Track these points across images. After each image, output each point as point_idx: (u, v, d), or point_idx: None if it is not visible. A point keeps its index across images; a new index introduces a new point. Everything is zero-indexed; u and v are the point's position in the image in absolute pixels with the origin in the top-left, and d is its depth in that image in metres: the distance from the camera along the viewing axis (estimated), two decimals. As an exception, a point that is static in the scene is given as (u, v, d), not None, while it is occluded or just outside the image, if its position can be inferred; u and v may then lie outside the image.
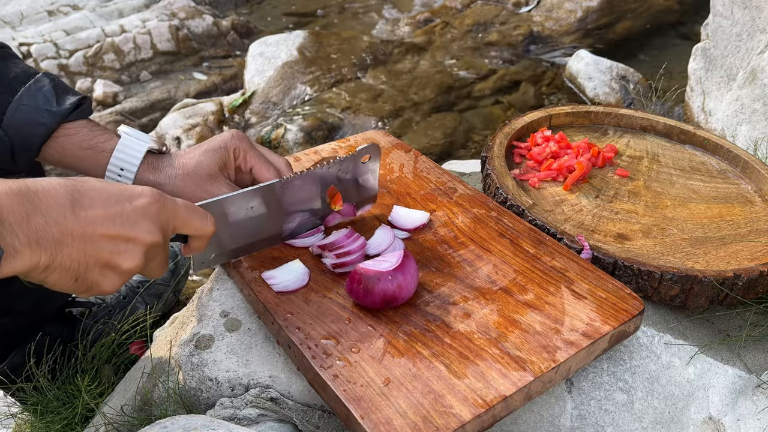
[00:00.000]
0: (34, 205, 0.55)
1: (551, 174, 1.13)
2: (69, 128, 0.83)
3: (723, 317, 0.94)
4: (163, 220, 0.64)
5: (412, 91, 2.61)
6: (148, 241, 0.62)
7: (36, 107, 0.81)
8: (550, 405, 0.81)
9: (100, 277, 0.61)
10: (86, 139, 0.83)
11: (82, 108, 0.84)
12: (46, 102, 0.82)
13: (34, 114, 0.81)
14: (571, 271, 0.86)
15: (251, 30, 3.53)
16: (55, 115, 0.81)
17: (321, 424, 0.80)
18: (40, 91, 0.82)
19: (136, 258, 0.62)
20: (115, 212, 0.60)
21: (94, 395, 1.02)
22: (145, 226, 0.62)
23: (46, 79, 0.84)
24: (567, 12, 3.07)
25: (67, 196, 0.57)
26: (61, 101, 0.83)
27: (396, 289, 0.77)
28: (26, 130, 0.81)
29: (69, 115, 0.82)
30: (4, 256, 0.53)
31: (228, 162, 0.86)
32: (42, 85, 0.83)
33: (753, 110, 1.63)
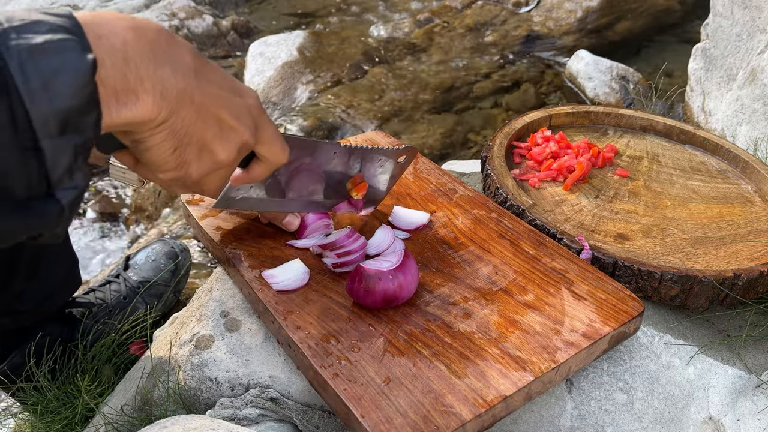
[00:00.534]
0: (162, 51, 0.52)
1: (551, 174, 1.14)
2: None
3: (723, 317, 0.94)
4: (259, 125, 0.64)
5: (412, 91, 2.61)
6: (246, 137, 0.62)
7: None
8: (550, 405, 0.81)
9: (196, 157, 0.59)
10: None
11: None
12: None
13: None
14: (571, 272, 0.86)
15: (251, 30, 3.53)
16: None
17: (321, 424, 0.80)
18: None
19: (232, 149, 0.61)
20: (230, 98, 0.60)
21: (94, 395, 1.02)
22: (248, 123, 0.62)
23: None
24: (567, 12, 3.07)
25: (193, 59, 0.55)
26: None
27: (396, 289, 0.77)
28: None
29: None
30: (125, 102, 0.49)
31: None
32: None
33: (753, 110, 1.63)
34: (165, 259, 1.26)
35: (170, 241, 1.30)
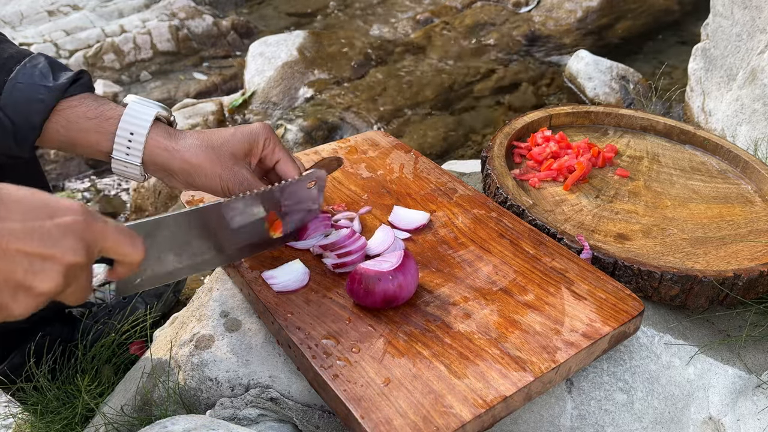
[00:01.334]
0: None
1: (551, 174, 1.13)
2: (72, 101, 0.79)
3: (723, 317, 0.94)
4: (89, 239, 0.57)
5: (412, 91, 2.61)
6: (69, 260, 0.55)
7: (32, 84, 0.78)
8: (550, 405, 0.81)
9: (11, 299, 0.54)
10: (91, 109, 0.79)
11: (81, 81, 0.81)
12: (42, 78, 0.78)
13: (30, 91, 0.77)
14: (571, 271, 0.86)
15: (251, 30, 3.53)
16: (52, 90, 0.78)
17: (321, 424, 0.80)
18: (36, 68, 0.79)
19: (54, 279, 0.55)
20: (35, 227, 0.53)
21: (94, 395, 1.02)
22: (68, 244, 0.55)
23: (42, 57, 0.82)
24: (567, 12, 3.07)
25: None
26: (57, 76, 0.79)
27: (396, 289, 0.77)
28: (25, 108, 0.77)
29: (67, 90, 0.79)
30: None
31: (255, 150, 0.83)
32: (37, 62, 0.80)
33: (753, 110, 1.63)
34: (165, 259, 1.26)
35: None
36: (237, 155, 0.81)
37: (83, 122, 0.79)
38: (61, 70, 0.81)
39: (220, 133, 0.82)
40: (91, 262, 0.59)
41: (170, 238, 0.73)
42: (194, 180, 0.81)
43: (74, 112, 0.79)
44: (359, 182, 1.07)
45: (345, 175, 1.09)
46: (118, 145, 0.79)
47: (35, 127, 0.78)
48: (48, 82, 0.78)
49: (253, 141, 0.82)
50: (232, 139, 0.81)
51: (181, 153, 0.79)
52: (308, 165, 1.11)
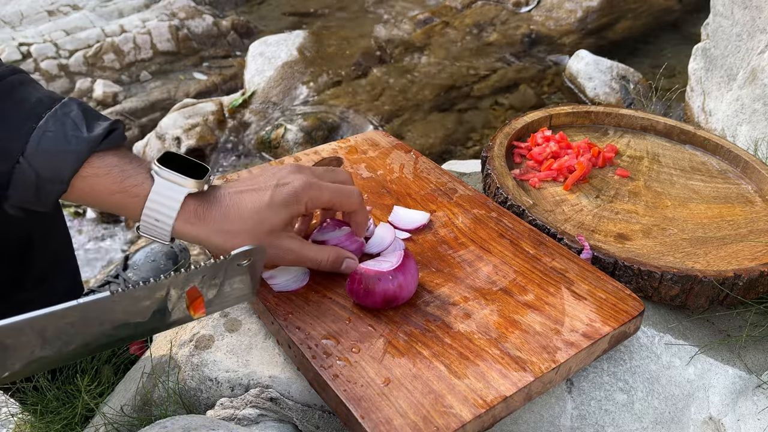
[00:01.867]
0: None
1: (551, 174, 1.13)
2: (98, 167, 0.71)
3: (723, 317, 0.94)
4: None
5: (412, 91, 2.61)
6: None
7: (64, 134, 0.69)
8: (550, 405, 0.81)
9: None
10: (116, 182, 0.71)
11: (115, 134, 0.73)
12: (74, 128, 0.70)
13: (62, 141, 0.69)
14: (571, 272, 0.86)
15: (251, 30, 3.53)
16: (86, 142, 0.69)
17: (321, 424, 0.80)
18: (68, 117, 0.71)
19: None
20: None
21: (94, 395, 1.02)
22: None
23: (74, 104, 0.73)
24: (567, 12, 3.07)
25: None
26: (91, 127, 0.71)
27: (397, 289, 0.77)
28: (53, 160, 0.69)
29: (102, 143, 0.71)
30: None
31: (297, 215, 0.76)
32: (70, 109, 0.72)
33: (753, 110, 1.63)
34: (164, 259, 1.26)
35: (170, 241, 1.30)
36: (276, 230, 0.74)
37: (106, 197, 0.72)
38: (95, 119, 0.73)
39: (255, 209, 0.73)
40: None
41: (44, 332, 0.59)
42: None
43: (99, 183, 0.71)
44: (359, 182, 1.07)
45: (345, 175, 1.09)
46: (144, 227, 0.73)
47: (63, 181, 0.70)
48: (81, 133, 0.70)
49: (295, 210, 0.75)
50: (269, 216, 0.73)
51: (212, 241, 0.73)
52: (309, 164, 1.11)
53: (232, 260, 0.68)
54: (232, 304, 0.75)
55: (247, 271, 0.71)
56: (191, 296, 0.69)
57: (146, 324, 0.67)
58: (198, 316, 0.71)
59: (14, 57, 3.07)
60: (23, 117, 0.69)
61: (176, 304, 0.67)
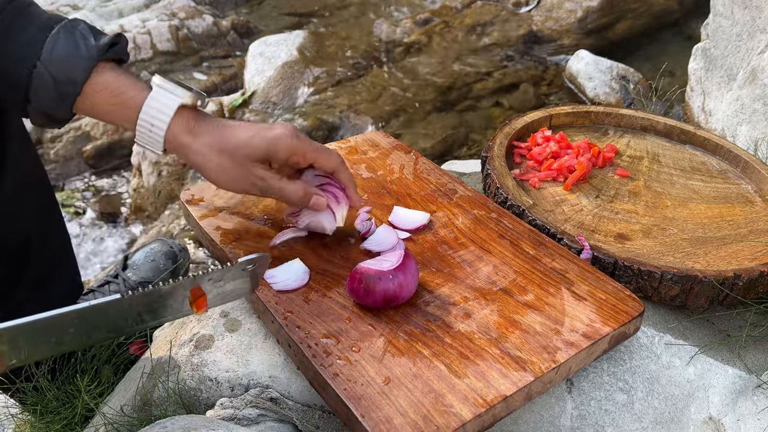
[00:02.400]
0: None
1: (551, 174, 1.13)
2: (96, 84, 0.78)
3: (723, 317, 0.94)
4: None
5: (412, 91, 2.61)
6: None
7: (75, 42, 0.77)
8: (551, 405, 0.81)
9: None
10: (115, 95, 0.79)
11: (120, 45, 0.81)
12: (83, 38, 0.78)
13: (73, 48, 0.77)
14: (571, 272, 0.86)
15: (251, 30, 3.53)
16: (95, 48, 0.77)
17: (321, 424, 0.80)
18: (76, 29, 0.78)
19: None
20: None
21: (94, 395, 1.01)
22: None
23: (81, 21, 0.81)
24: (567, 12, 3.07)
25: None
26: (98, 38, 0.79)
27: (397, 289, 0.77)
28: (67, 64, 0.77)
29: (108, 51, 0.78)
30: None
31: (275, 157, 0.81)
32: (78, 23, 0.79)
33: (753, 110, 1.63)
34: (164, 258, 1.26)
35: (169, 240, 1.30)
36: (253, 158, 0.80)
37: (106, 107, 0.79)
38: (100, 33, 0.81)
39: (238, 134, 0.80)
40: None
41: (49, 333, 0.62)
42: (208, 177, 0.82)
43: (98, 97, 0.79)
44: (359, 182, 1.07)
45: (345, 175, 1.09)
46: (140, 134, 0.80)
47: (77, 83, 0.77)
48: (90, 41, 0.78)
49: (272, 149, 0.80)
50: (248, 142, 0.80)
51: (195, 152, 0.80)
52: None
53: (239, 266, 0.73)
54: (230, 300, 0.78)
55: (250, 275, 0.76)
56: (195, 294, 0.73)
57: (149, 321, 0.71)
58: (200, 312, 0.75)
59: (14, 57, 3.07)
60: (37, 29, 0.77)
61: (181, 302, 0.72)
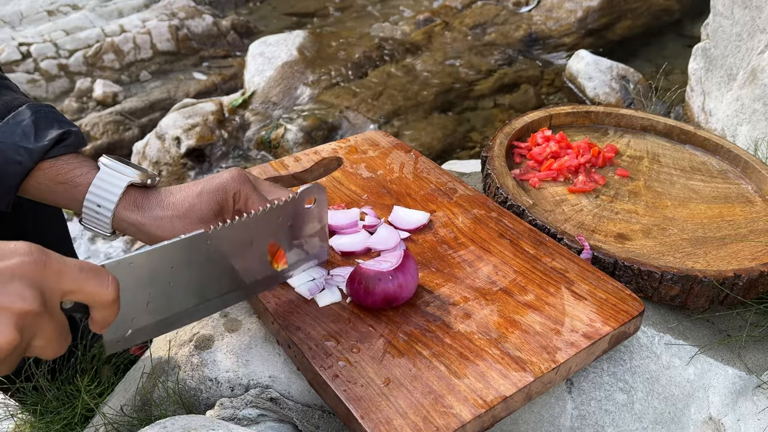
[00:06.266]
0: None
1: (551, 174, 1.13)
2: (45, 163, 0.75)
3: (723, 317, 0.94)
4: (44, 283, 0.50)
5: (412, 91, 2.61)
6: (18, 308, 0.48)
7: (11, 144, 0.74)
8: (551, 405, 0.81)
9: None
10: (61, 173, 0.76)
11: (66, 143, 0.77)
12: (23, 138, 0.74)
13: (9, 152, 0.73)
14: (571, 272, 0.86)
15: (251, 30, 3.53)
16: (31, 153, 0.74)
17: (321, 424, 0.80)
18: (18, 126, 0.75)
19: (6, 331, 0.47)
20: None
21: (94, 395, 1.01)
22: (14, 290, 0.48)
23: (28, 112, 0.77)
24: (567, 12, 3.07)
25: None
26: (40, 136, 0.75)
27: (397, 289, 0.77)
28: (2, 170, 0.74)
29: (49, 151, 0.75)
30: None
31: (225, 206, 0.77)
32: (21, 119, 0.76)
33: (753, 110, 1.63)
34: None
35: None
36: (205, 218, 0.77)
37: (53, 186, 0.76)
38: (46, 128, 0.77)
39: (186, 196, 0.77)
40: (50, 309, 0.51)
41: (152, 277, 0.64)
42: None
43: (44, 175, 0.76)
44: (359, 182, 1.07)
45: (345, 175, 1.09)
46: (86, 215, 0.76)
47: (11, 189, 0.75)
48: (29, 144, 0.74)
49: (221, 199, 0.77)
50: (198, 201, 0.76)
51: (146, 227, 0.76)
52: (308, 165, 1.11)
53: (300, 199, 0.76)
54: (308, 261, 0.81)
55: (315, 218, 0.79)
56: (272, 251, 0.76)
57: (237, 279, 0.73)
58: (281, 267, 0.77)
59: (14, 57, 3.07)
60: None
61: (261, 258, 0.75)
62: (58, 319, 0.52)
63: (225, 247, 0.70)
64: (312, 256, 0.83)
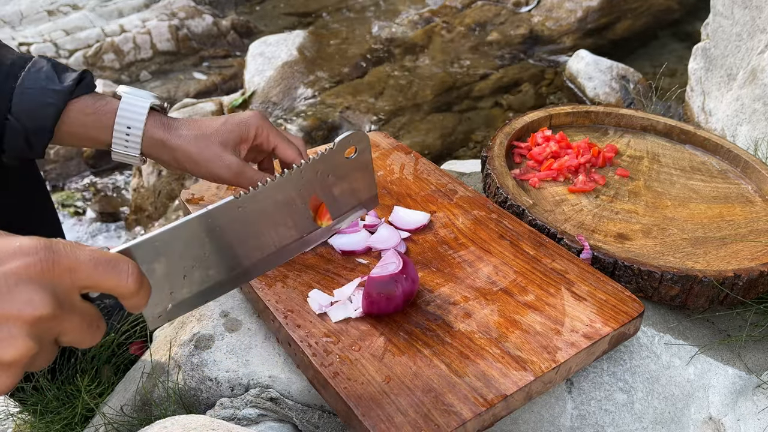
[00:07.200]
0: None
1: (551, 174, 1.13)
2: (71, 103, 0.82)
3: (723, 317, 0.94)
4: (55, 282, 0.46)
5: (412, 91, 2.61)
6: (28, 315, 0.44)
7: (41, 88, 0.80)
8: (551, 405, 0.81)
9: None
10: (89, 105, 0.82)
11: (85, 82, 0.84)
12: (49, 82, 0.81)
13: (40, 96, 0.80)
14: (571, 273, 0.86)
15: (251, 30, 3.53)
16: (60, 93, 0.81)
17: (321, 423, 0.80)
18: (41, 72, 0.81)
19: (18, 344, 0.44)
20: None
21: (94, 395, 1.01)
22: (22, 296, 0.44)
23: (44, 60, 0.83)
24: (567, 12, 3.07)
25: None
26: (63, 78, 0.82)
27: (411, 285, 0.77)
28: (37, 113, 0.80)
29: (74, 91, 0.82)
30: None
31: (246, 138, 0.85)
32: (41, 66, 0.82)
33: (753, 110, 1.63)
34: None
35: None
36: (226, 144, 0.83)
37: (82, 118, 0.82)
38: (64, 72, 0.83)
39: (211, 123, 0.85)
40: (69, 307, 0.47)
41: (184, 251, 0.61)
42: (186, 168, 0.84)
43: (73, 108, 0.82)
44: (359, 182, 1.07)
45: (345, 175, 1.09)
46: (117, 139, 0.82)
47: (49, 130, 0.81)
48: (56, 86, 0.80)
49: (243, 130, 0.84)
50: (222, 128, 0.84)
51: (174, 143, 0.82)
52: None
53: (337, 150, 0.72)
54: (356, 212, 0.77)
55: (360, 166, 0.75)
56: (314, 206, 0.71)
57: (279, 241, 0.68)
58: (325, 223, 0.73)
59: (14, 57, 3.07)
60: (2, 79, 0.80)
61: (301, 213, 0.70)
62: (82, 312, 0.48)
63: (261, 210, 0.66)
64: (359, 206, 0.78)
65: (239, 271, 0.67)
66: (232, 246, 0.65)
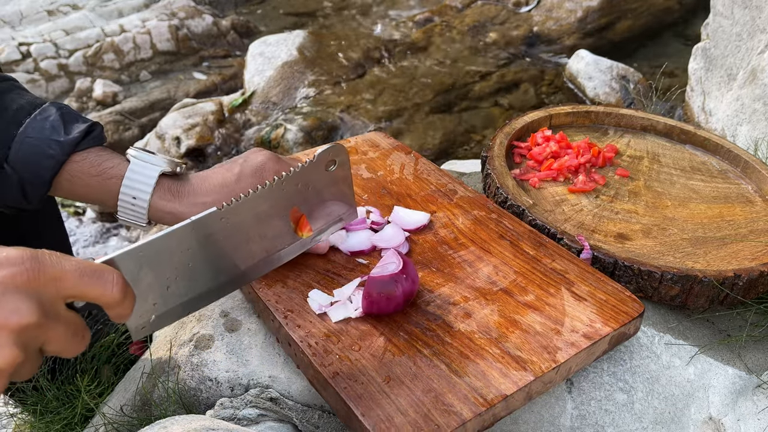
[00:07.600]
0: None
1: (551, 174, 1.13)
2: (76, 155, 0.76)
3: (723, 317, 0.94)
4: (41, 291, 0.47)
5: (412, 91, 2.61)
6: (14, 323, 0.45)
7: (43, 139, 0.75)
8: (551, 405, 0.81)
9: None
10: (94, 165, 0.77)
11: (93, 135, 0.78)
12: (53, 132, 0.76)
13: (41, 146, 0.75)
14: (571, 273, 0.86)
15: (251, 30, 3.53)
16: (63, 145, 0.75)
17: (321, 424, 0.80)
18: (47, 121, 0.76)
19: (4, 351, 0.44)
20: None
21: (94, 395, 1.01)
22: (8, 305, 0.45)
23: (53, 108, 0.78)
24: (567, 12, 3.07)
25: None
26: (69, 130, 0.76)
27: (411, 285, 0.77)
28: (34, 164, 0.75)
29: (79, 144, 0.76)
30: None
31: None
32: (48, 114, 0.77)
33: (753, 110, 1.63)
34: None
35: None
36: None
37: (86, 179, 0.77)
38: (73, 122, 0.78)
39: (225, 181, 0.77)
40: (54, 315, 0.48)
41: (169, 262, 0.62)
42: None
43: (77, 168, 0.77)
44: (359, 183, 1.07)
45: (345, 175, 1.09)
46: (122, 207, 0.77)
47: (45, 182, 0.76)
48: (59, 137, 0.76)
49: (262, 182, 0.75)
50: (238, 187, 0.77)
51: (184, 214, 0.76)
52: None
53: (318, 163, 0.72)
54: (335, 224, 0.77)
55: (339, 180, 0.76)
56: (295, 217, 0.72)
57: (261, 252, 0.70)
58: (306, 235, 0.74)
59: (14, 57, 3.07)
60: (4, 125, 0.75)
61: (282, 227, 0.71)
62: (67, 321, 0.49)
63: (243, 222, 0.67)
64: (339, 219, 0.80)
65: (221, 281, 0.68)
66: (215, 256, 0.66)
